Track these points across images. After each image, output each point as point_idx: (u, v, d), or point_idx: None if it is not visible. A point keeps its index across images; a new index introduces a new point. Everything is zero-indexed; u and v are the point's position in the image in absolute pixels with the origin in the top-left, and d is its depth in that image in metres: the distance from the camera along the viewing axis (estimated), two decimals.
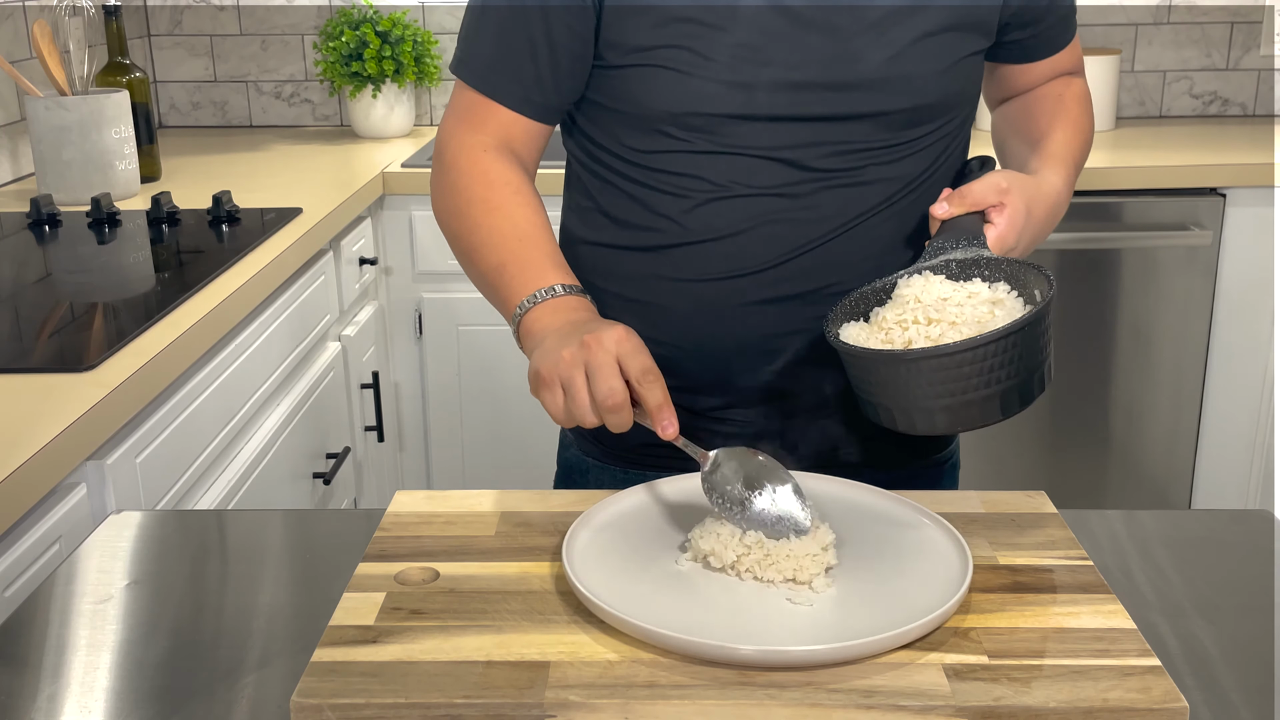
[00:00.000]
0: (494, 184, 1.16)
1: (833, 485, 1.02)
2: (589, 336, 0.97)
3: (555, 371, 0.97)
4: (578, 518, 0.95)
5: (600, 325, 0.99)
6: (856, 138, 1.14)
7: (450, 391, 2.61)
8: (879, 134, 1.14)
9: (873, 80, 1.12)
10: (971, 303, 1.01)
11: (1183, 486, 2.70)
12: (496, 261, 1.12)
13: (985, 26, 1.17)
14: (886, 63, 1.11)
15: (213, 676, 0.84)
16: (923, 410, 0.98)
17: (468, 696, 0.76)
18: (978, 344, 0.94)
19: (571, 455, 1.35)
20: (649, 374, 0.96)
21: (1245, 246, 2.54)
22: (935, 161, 1.19)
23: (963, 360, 0.95)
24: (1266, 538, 1.04)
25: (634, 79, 1.13)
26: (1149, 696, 0.76)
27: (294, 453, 1.89)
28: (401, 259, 2.54)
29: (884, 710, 0.75)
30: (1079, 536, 1.00)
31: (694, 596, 0.87)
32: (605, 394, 0.94)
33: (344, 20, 2.89)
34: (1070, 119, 1.25)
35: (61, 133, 2.15)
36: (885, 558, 0.92)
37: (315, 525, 1.15)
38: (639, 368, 0.95)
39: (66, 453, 1.19)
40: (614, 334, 0.97)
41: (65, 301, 1.68)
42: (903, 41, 1.12)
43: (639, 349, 0.97)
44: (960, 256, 1.07)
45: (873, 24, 1.11)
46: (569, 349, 0.97)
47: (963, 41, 1.15)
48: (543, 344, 1.02)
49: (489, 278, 1.13)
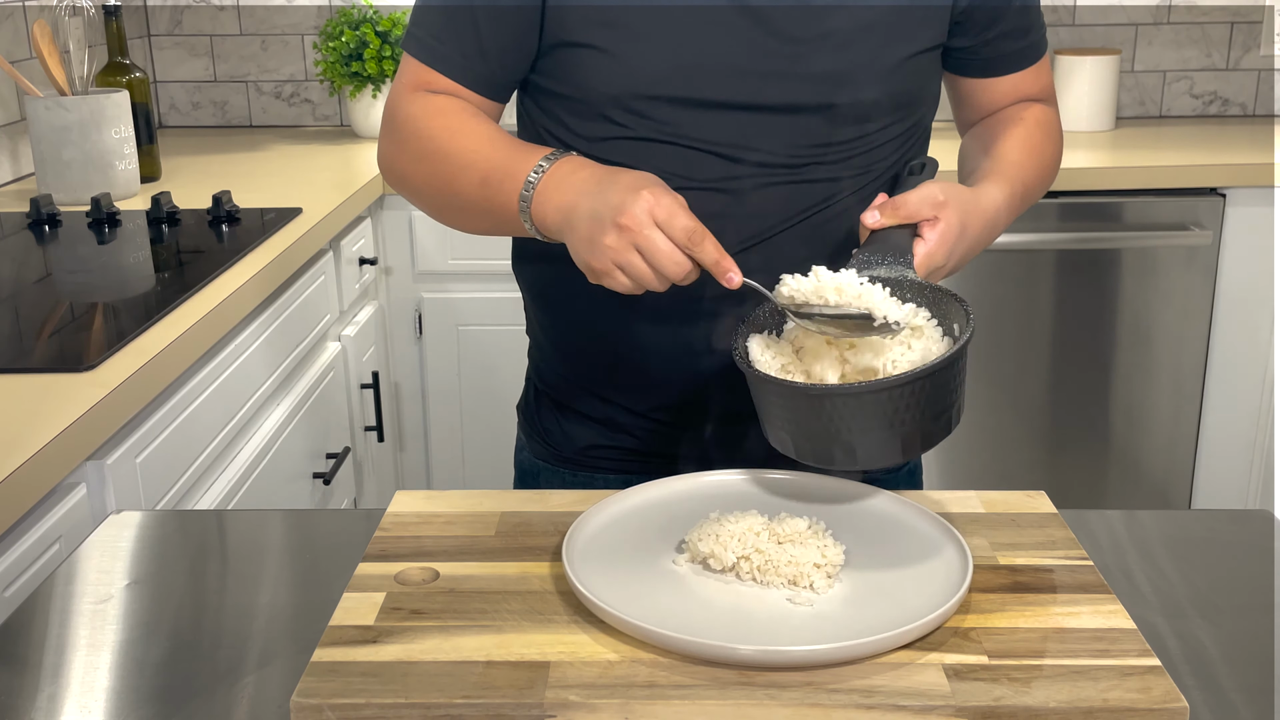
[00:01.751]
0: (447, 111, 1.12)
1: (833, 485, 1.02)
2: (623, 218, 0.95)
3: (606, 261, 0.96)
4: (578, 518, 0.95)
5: (623, 193, 0.96)
6: (799, 132, 1.12)
7: (450, 391, 2.61)
8: (822, 129, 1.12)
9: (816, 72, 1.10)
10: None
11: (1183, 486, 2.70)
12: (478, 178, 1.08)
13: (935, 23, 1.15)
14: (831, 53, 1.10)
15: (213, 676, 0.84)
16: (818, 441, 0.94)
17: (468, 696, 0.76)
18: (890, 385, 0.90)
19: (524, 458, 1.36)
20: (694, 234, 0.95)
21: (1245, 246, 2.54)
22: (881, 162, 1.17)
23: (875, 400, 0.91)
24: (1266, 538, 1.04)
25: (575, 59, 1.11)
26: (1149, 696, 0.76)
27: (294, 453, 1.89)
28: (401, 259, 2.54)
29: (884, 710, 0.75)
30: (1079, 536, 1.00)
31: (694, 596, 0.87)
32: (673, 270, 0.95)
33: (344, 20, 2.89)
34: (1024, 138, 1.21)
35: (61, 133, 2.15)
36: (885, 558, 0.92)
37: (315, 525, 1.15)
38: (682, 232, 0.95)
39: (66, 453, 1.19)
40: (643, 204, 0.95)
41: (65, 301, 1.68)
42: (848, 33, 1.10)
43: (673, 209, 0.95)
44: (885, 274, 1.03)
45: (818, 14, 1.09)
46: (608, 235, 0.96)
47: (910, 36, 1.13)
48: (574, 230, 0.99)
49: (477, 200, 1.09)
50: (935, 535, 0.94)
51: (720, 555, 0.89)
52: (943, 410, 0.94)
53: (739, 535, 0.91)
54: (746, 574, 0.89)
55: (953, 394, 0.94)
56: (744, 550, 0.89)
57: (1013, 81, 1.25)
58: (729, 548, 0.90)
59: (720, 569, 0.90)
